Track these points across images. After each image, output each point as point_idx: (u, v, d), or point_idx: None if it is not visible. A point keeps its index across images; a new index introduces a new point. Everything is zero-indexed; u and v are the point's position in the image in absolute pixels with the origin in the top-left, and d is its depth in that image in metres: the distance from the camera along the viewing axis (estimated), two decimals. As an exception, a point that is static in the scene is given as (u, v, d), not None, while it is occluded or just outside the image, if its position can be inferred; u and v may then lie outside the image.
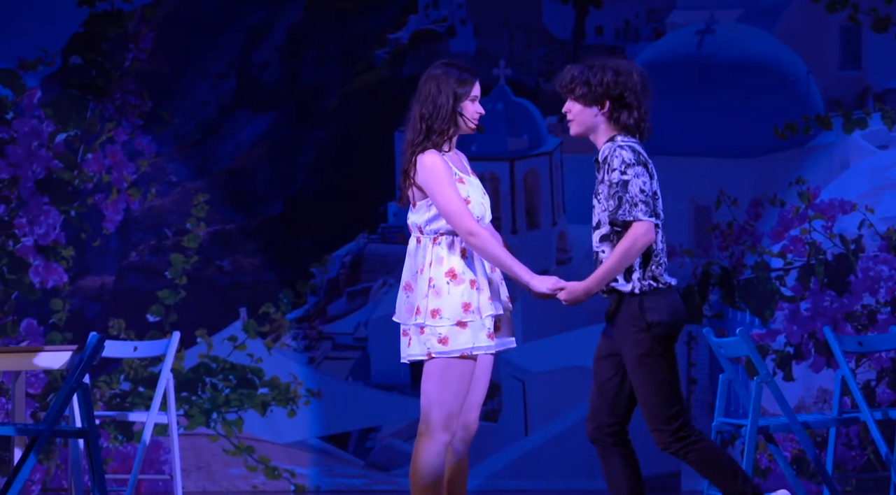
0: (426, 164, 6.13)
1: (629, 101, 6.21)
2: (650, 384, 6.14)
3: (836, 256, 9.75)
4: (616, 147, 6.16)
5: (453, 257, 6.13)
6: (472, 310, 6.08)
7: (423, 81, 6.22)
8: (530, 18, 10.15)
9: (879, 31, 9.87)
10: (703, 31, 9.98)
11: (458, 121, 6.19)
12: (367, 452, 9.93)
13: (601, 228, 6.21)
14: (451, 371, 6.10)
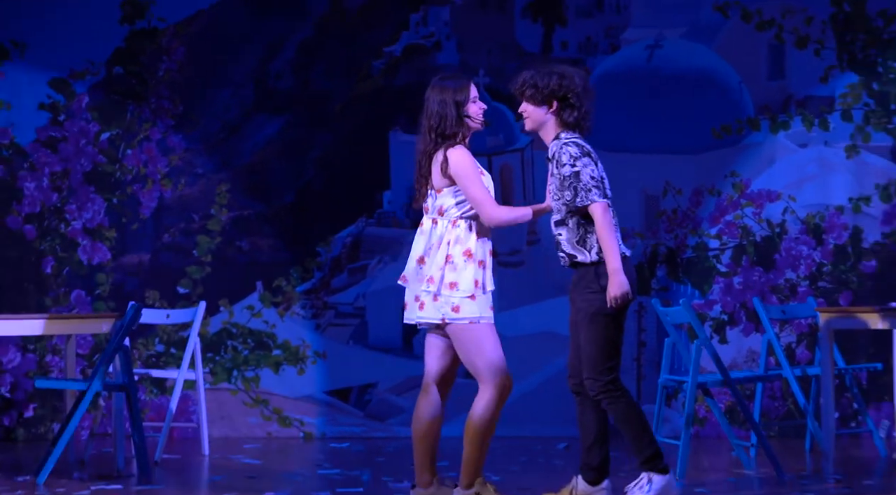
0: (458, 157, 6.20)
1: (572, 101, 6.26)
2: (594, 339, 6.18)
3: (763, 238, 9.77)
4: (562, 144, 6.21)
5: (471, 239, 6.19)
6: (479, 286, 6.15)
7: (427, 98, 6.29)
8: (505, 35, 10.15)
9: (800, 47, 9.89)
10: (652, 46, 9.97)
11: (467, 123, 6.25)
12: (365, 405, 9.93)
13: (556, 215, 6.28)
14: (475, 333, 6.18)
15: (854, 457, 8.46)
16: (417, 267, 6.27)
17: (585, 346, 6.23)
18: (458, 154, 6.19)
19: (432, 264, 6.18)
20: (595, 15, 10.10)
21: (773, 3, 9.89)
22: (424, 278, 6.21)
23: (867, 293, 9.68)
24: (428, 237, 6.27)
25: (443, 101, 6.25)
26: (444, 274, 6.15)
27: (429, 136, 6.27)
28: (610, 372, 6.22)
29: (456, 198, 6.22)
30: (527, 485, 7.28)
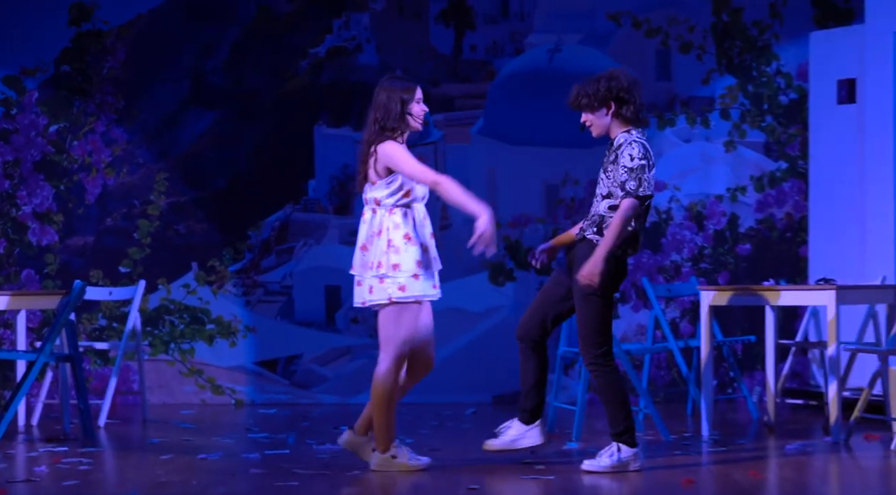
0: (386, 150, 6.18)
1: (625, 97, 6.21)
2: (588, 316, 6.20)
3: (652, 223, 9.84)
4: (632, 140, 6.18)
5: (408, 224, 6.22)
6: (423, 266, 6.20)
7: (376, 93, 6.26)
8: (420, 38, 10.17)
9: (685, 52, 10.01)
10: (553, 50, 10.01)
11: (408, 120, 6.25)
12: (291, 374, 9.93)
13: (612, 199, 6.23)
14: (405, 314, 6.21)
15: (730, 420, 8.59)
16: (361, 254, 6.29)
17: (580, 322, 6.26)
18: (387, 145, 6.21)
19: (376, 250, 6.19)
20: (501, 21, 10.17)
21: (660, 13, 10.01)
22: (369, 264, 6.22)
23: (743, 273, 9.85)
24: (369, 225, 6.28)
25: (390, 96, 6.25)
26: (389, 257, 6.18)
27: (373, 127, 6.26)
28: (601, 346, 6.24)
29: (388, 188, 6.23)
30: (437, 446, 7.36)
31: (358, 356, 9.95)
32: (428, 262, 6.24)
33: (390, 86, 6.27)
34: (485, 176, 10.02)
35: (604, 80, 6.24)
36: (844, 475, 6.32)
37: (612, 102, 6.22)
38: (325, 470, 6.45)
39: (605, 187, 6.27)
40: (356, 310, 9.96)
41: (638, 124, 6.28)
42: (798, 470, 6.40)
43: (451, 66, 10.10)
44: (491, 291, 9.95)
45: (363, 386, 9.89)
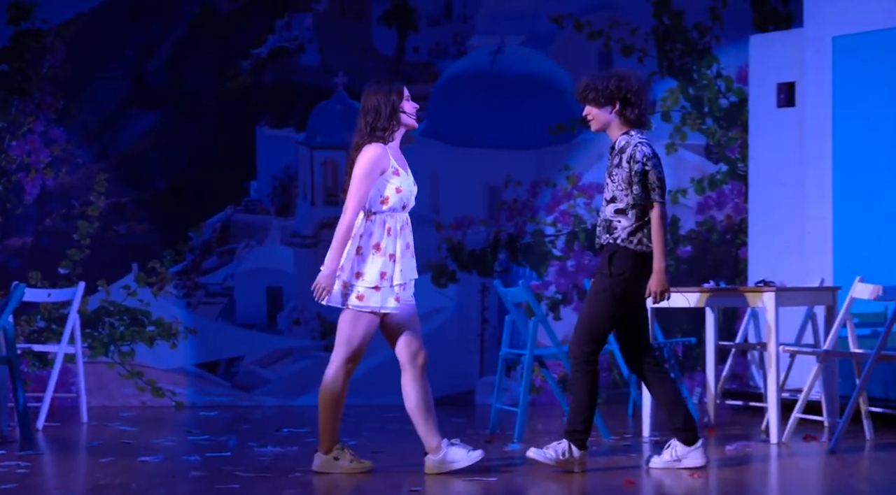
0: (365, 156, 6.16)
1: (632, 100, 6.24)
2: (591, 313, 6.21)
3: (593, 225, 9.80)
4: (637, 142, 6.20)
5: (382, 233, 6.18)
6: (386, 278, 6.16)
7: (364, 97, 6.25)
8: (363, 39, 10.16)
9: (626, 55, 10.06)
10: (495, 52, 10.04)
11: (402, 118, 6.23)
12: (232, 376, 9.90)
13: (617, 203, 6.25)
14: (360, 321, 6.20)
15: (671, 421, 8.66)
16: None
17: (581, 316, 6.28)
18: (367, 151, 6.19)
19: (348, 255, 6.19)
20: (444, 23, 10.18)
21: (602, 16, 10.06)
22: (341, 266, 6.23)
23: (683, 275, 9.91)
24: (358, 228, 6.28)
25: (379, 100, 6.25)
26: (353, 264, 6.18)
27: (365, 131, 6.24)
28: (590, 345, 6.24)
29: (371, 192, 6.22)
30: (379, 448, 7.36)
31: (300, 358, 9.92)
32: (392, 275, 6.20)
33: (378, 89, 6.27)
34: (427, 177, 10.02)
35: (614, 78, 6.30)
36: (783, 475, 6.37)
37: (617, 102, 6.27)
38: (267, 473, 6.43)
39: (610, 192, 6.32)
40: (298, 312, 9.94)
41: (639, 127, 6.31)
42: (738, 471, 6.45)
43: (394, 68, 10.09)
44: (433, 293, 9.95)
45: (305, 388, 9.87)
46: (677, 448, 6.36)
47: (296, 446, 7.43)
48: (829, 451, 7.04)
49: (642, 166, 6.19)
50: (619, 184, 6.25)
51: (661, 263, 6.17)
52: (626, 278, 6.21)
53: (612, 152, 6.35)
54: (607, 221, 6.31)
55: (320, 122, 10.04)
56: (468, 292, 9.93)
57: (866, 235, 8.55)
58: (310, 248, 9.99)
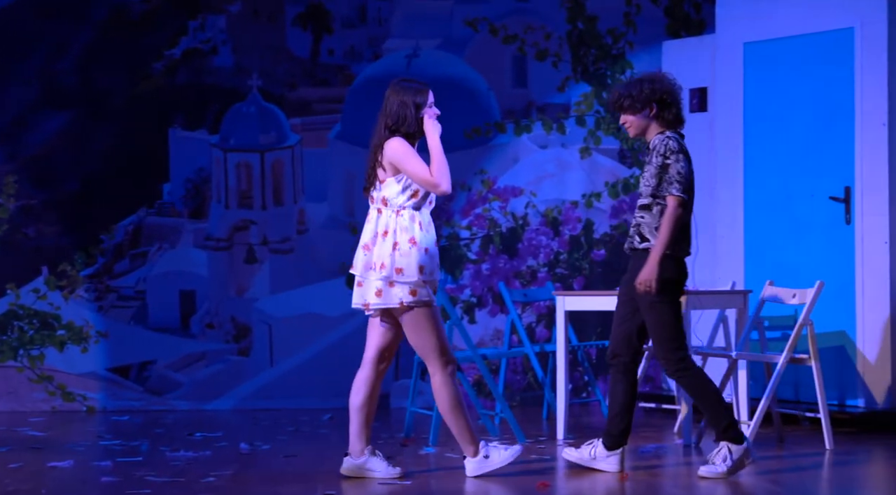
0: (393, 145, 6.12)
1: (668, 100, 6.27)
2: (658, 324, 6.18)
3: (508, 229, 9.93)
4: (665, 137, 6.22)
5: (414, 228, 6.15)
6: (425, 272, 6.11)
7: (387, 98, 6.20)
8: (277, 41, 10.11)
9: (540, 59, 10.13)
10: (410, 55, 10.03)
11: (424, 122, 6.19)
12: (145, 380, 9.80)
13: (642, 198, 6.26)
14: (424, 316, 6.12)
15: (584, 424, 8.68)
16: (363, 253, 6.21)
17: (652, 332, 6.23)
18: (392, 143, 6.14)
19: (381, 252, 6.12)
20: (359, 26, 10.17)
21: (516, 20, 10.10)
22: (372, 265, 6.15)
23: (597, 278, 9.97)
24: (374, 225, 6.21)
25: (403, 102, 6.20)
26: (394, 260, 6.10)
27: (383, 132, 6.19)
28: (678, 351, 6.21)
29: (400, 184, 6.18)
30: (293, 452, 7.33)
31: (213, 361, 9.87)
32: (432, 268, 6.16)
33: (402, 90, 6.22)
34: (342, 180, 10.01)
35: (647, 82, 6.32)
36: (695, 476, 6.43)
37: (654, 104, 6.28)
38: (179, 477, 6.38)
39: (640, 188, 6.34)
40: (212, 315, 9.88)
41: (676, 126, 6.33)
42: (651, 473, 6.50)
43: (309, 70, 10.07)
44: (348, 296, 9.87)
45: (219, 392, 9.81)
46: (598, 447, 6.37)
47: (209, 450, 7.38)
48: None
49: (663, 159, 6.22)
50: (647, 180, 6.27)
51: (656, 254, 6.15)
52: (672, 283, 6.22)
53: (647, 152, 6.37)
54: (636, 220, 6.33)
55: (234, 124, 9.99)
56: (383, 295, 9.90)
57: (777, 239, 8.67)
58: (223, 251, 9.92)
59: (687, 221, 6.27)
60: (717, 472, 6.24)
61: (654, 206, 6.25)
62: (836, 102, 8.40)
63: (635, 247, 6.31)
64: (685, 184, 6.20)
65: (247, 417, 9.24)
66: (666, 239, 6.16)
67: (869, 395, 8.15)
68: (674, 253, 6.22)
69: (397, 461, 6.87)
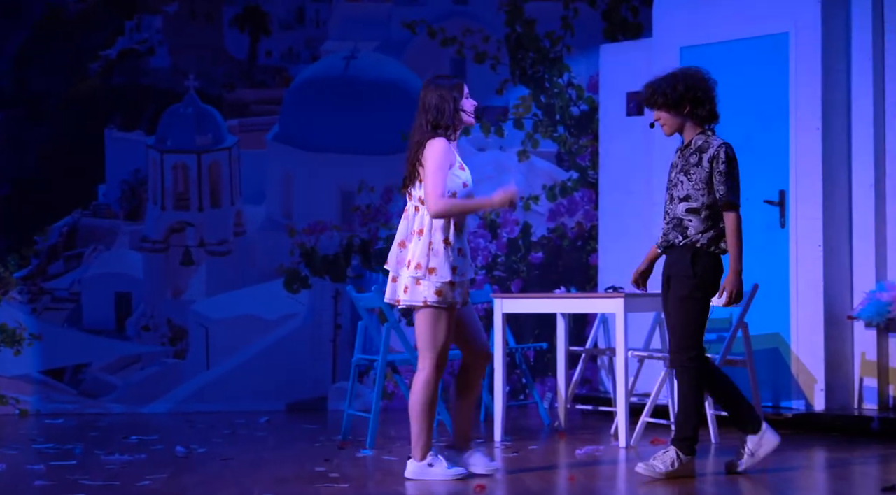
0: (433, 147, 6.13)
1: (702, 97, 6.23)
2: (682, 319, 6.17)
3: (447, 232, 10.02)
4: (721, 143, 6.18)
5: (450, 228, 6.16)
6: (458, 273, 6.12)
7: (424, 95, 6.23)
8: (215, 42, 10.09)
9: (479, 62, 10.17)
10: (349, 57, 10.05)
11: (461, 116, 6.21)
12: (79, 383, 9.74)
13: (690, 202, 6.22)
14: (441, 318, 6.13)
15: (522, 426, 8.70)
16: (398, 250, 6.22)
17: (674, 325, 6.22)
18: (434, 145, 6.15)
19: (416, 250, 6.13)
20: (297, 27, 10.16)
21: (455, 23, 10.13)
22: (406, 262, 6.16)
23: (535, 281, 10.01)
24: (410, 222, 6.22)
25: (441, 96, 6.22)
26: (428, 259, 6.10)
27: (426, 128, 6.21)
28: (694, 349, 6.19)
29: None
30: (229, 455, 7.30)
31: (149, 364, 9.80)
32: (464, 270, 6.18)
33: (438, 85, 6.26)
34: (280, 182, 9.98)
35: (681, 79, 6.27)
36: (632, 478, 6.46)
37: (688, 102, 6.25)
38: (114, 481, 6.33)
39: (685, 190, 6.28)
40: (147, 318, 9.81)
41: (712, 122, 6.31)
42: (587, 474, 6.53)
43: (246, 71, 10.04)
44: (285, 298, 9.90)
45: (154, 395, 9.75)
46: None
47: (144, 454, 7.33)
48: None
49: (727, 167, 6.20)
50: (697, 184, 6.23)
51: (738, 265, 6.18)
52: (709, 280, 6.22)
53: (686, 150, 6.32)
54: (678, 219, 6.29)
55: (171, 125, 9.94)
56: (321, 297, 9.91)
57: (712, 242, 8.72)
58: (160, 253, 9.86)
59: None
60: (657, 471, 6.26)
61: (704, 211, 6.26)
62: (771, 107, 8.47)
63: (676, 244, 6.30)
64: (739, 191, 6.25)
65: (183, 420, 9.18)
66: (740, 249, 6.20)
67: (803, 397, 8.22)
68: (716, 250, 6.27)
69: (335, 464, 6.85)
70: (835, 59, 8.28)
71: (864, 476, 6.40)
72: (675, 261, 6.28)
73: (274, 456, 7.23)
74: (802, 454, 7.09)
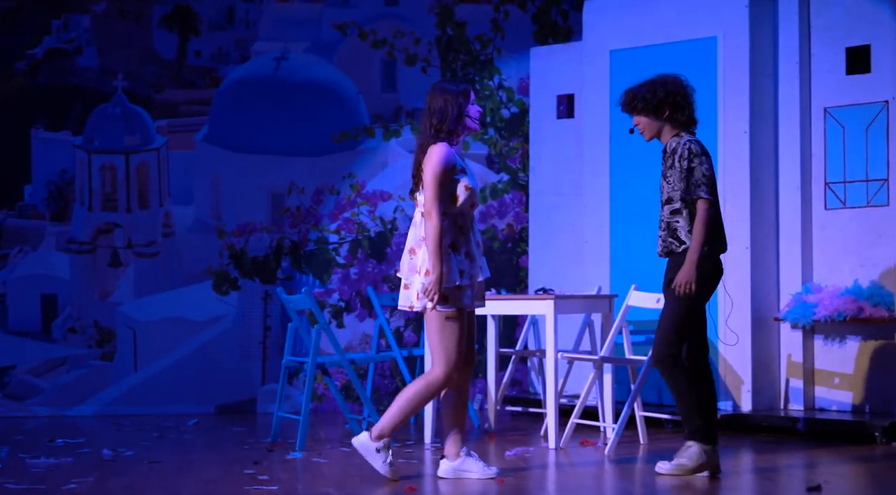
0: (432, 154, 6.13)
1: (681, 103, 6.31)
2: (670, 317, 6.25)
3: (377, 233, 9.96)
4: (686, 141, 6.26)
5: (454, 232, 6.15)
6: (465, 276, 6.12)
7: (430, 99, 6.22)
8: (143, 42, 10.04)
9: (410, 64, 10.19)
10: (279, 58, 10.02)
11: (466, 121, 6.20)
12: (4, 386, 9.61)
13: (672, 204, 6.29)
14: (450, 323, 6.13)
15: (452, 428, 8.73)
16: (409, 257, 6.22)
17: (662, 319, 6.28)
18: (434, 151, 6.15)
19: (425, 256, 6.12)
20: (227, 28, 10.11)
21: (385, 24, 10.13)
22: (416, 268, 6.16)
23: (466, 283, 10.03)
24: (418, 229, 6.22)
25: (446, 100, 6.22)
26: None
27: (429, 132, 6.21)
28: (675, 345, 6.25)
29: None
30: (158, 458, 7.24)
31: (75, 366, 9.71)
32: (472, 272, 6.16)
33: (444, 89, 6.26)
34: (209, 183, 9.93)
35: (660, 85, 6.36)
36: (561, 479, 6.48)
37: (667, 107, 6.31)
38: (40, 484, 6.26)
39: (666, 193, 6.38)
40: (74, 320, 9.72)
41: (689, 126, 6.39)
42: (517, 476, 6.54)
43: (175, 72, 9.98)
44: (214, 300, 9.85)
45: (81, 397, 9.66)
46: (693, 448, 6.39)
47: (70, 457, 7.26)
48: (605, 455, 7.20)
49: (688, 163, 6.28)
50: (674, 185, 6.33)
51: (694, 255, 6.24)
52: (709, 285, 6.29)
53: (665, 155, 6.41)
54: (667, 224, 6.39)
55: (99, 125, 9.86)
56: (250, 299, 9.86)
57: (641, 245, 8.79)
58: (87, 254, 9.77)
59: (717, 220, 6.37)
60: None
61: (685, 210, 6.34)
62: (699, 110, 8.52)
63: (675, 250, 6.38)
64: (711, 185, 6.31)
65: (110, 423, 9.11)
66: (701, 241, 6.26)
67: (731, 398, 8.30)
68: (710, 251, 6.32)
69: (264, 466, 6.82)
70: (762, 63, 8.37)
71: (790, 476, 6.47)
72: (676, 266, 6.37)
73: (202, 458, 7.18)
74: (730, 454, 7.15)
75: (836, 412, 8.10)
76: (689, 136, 6.42)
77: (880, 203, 8.07)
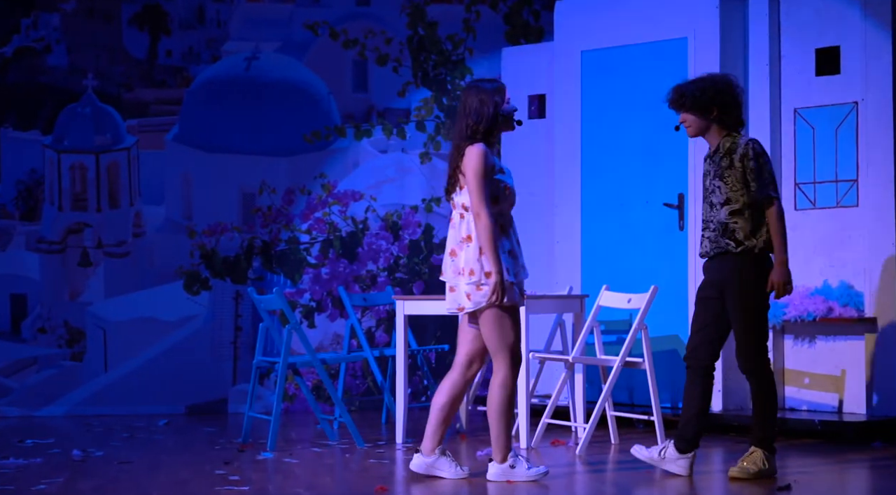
0: (471, 155, 6.10)
1: (730, 103, 6.27)
2: (749, 328, 6.24)
3: (348, 233, 9.96)
4: (747, 140, 6.25)
5: (496, 231, 6.16)
6: (510, 274, 6.12)
7: (465, 98, 6.19)
8: (113, 41, 10.02)
9: (381, 64, 10.19)
10: (250, 57, 10.00)
11: (501, 120, 6.17)
12: (-27, 387, 9.67)
13: (732, 204, 6.25)
14: (506, 318, 6.13)
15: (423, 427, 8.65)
16: (450, 259, 6.21)
17: (742, 333, 6.25)
18: (473, 152, 6.13)
19: (468, 257, 6.12)
20: (197, 27, 10.09)
21: (357, 24, 10.13)
22: (460, 270, 6.15)
23: (437, 283, 10.00)
24: (457, 230, 6.21)
25: (482, 100, 6.19)
26: (482, 265, 6.10)
27: (465, 133, 6.18)
28: (764, 353, 6.27)
29: None
30: (128, 458, 7.22)
31: (45, 367, 9.67)
32: (516, 270, 6.18)
33: (480, 88, 6.23)
34: (180, 183, 9.90)
35: (710, 84, 6.32)
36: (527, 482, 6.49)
37: (715, 107, 6.29)
38: (9, 485, 6.24)
39: (724, 194, 6.32)
40: (44, 320, 9.68)
41: (737, 128, 6.36)
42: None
43: (146, 71, 9.95)
44: (185, 300, 9.82)
45: (51, 397, 9.62)
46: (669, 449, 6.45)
47: (40, 457, 7.23)
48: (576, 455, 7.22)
49: (755, 162, 6.26)
50: (734, 185, 6.28)
51: (783, 256, 6.23)
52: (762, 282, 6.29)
53: (715, 155, 6.36)
54: (723, 225, 6.32)
55: (68, 125, 9.82)
56: (221, 299, 9.84)
57: (612, 245, 8.82)
58: (56, 254, 9.73)
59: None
60: (749, 472, 6.34)
61: (747, 211, 6.31)
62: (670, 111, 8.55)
63: (731, 251, 6.33)
64: (775, 182, 6.31)
65: (80, 423, 9.07)
66: (784, 240, 6.25)
67: (701, 398, 8.33)
68: (770, 252, 6.31)
69: (235, 467, 6.81)
70: (732, 63, 8.40)
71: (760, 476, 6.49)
72: (733, 268, 6.32)
73: (173, 459, 7.16)
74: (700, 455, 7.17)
75: (807, 412, 8.14)
76: (747, 136, 6.42)
77: (850, 203, 8.12)
